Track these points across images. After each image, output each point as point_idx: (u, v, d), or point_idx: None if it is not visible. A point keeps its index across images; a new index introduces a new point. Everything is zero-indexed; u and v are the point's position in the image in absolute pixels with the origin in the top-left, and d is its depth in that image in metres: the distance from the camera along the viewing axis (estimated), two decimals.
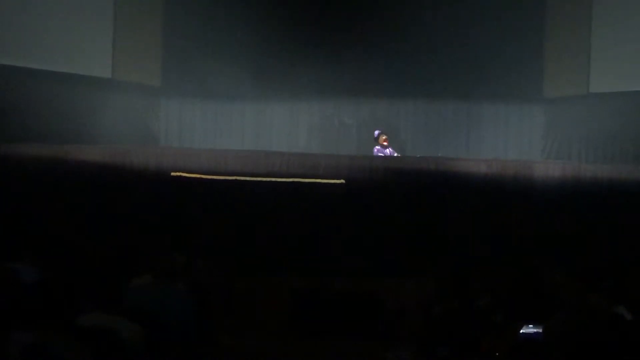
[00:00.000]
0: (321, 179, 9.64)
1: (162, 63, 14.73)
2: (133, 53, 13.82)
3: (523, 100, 14.56)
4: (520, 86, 14.24)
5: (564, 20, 14.16)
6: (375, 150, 12.39)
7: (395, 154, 12.44)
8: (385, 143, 12.42)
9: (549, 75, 14.33)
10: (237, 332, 7.10)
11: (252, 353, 6.98)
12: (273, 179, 9.60)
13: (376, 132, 12.66)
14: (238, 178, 9.58)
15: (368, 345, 7.65)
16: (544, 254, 8.35)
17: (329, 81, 14.21)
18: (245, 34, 14.08)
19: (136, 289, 4.95)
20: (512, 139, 14.77)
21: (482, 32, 14.11)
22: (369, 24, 14.64)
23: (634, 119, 12.02)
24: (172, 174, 9.62)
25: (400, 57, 14.52)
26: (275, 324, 8.22)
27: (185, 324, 5.00)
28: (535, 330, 4.15)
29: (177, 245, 7.80)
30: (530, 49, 14.33)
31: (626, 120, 12.18)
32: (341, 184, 9.64)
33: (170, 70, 14.71)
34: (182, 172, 9.63)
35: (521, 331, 4.13)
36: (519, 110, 14.77)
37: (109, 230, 8.57)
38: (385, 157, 11.88)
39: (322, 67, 14.09)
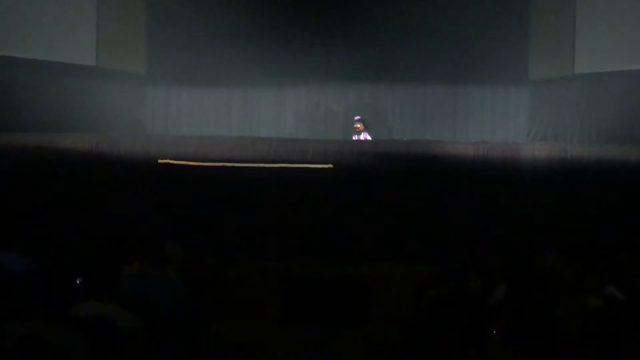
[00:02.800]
0: (309, 164, 9.64)
1: (147, 50, 14.62)
2: (117, 40, 13.72)
3: (509, 82, 14.57)
4: (505, 69, 14.22)
5: (548, 2, 14.17)
6: (354, 136, 12.41)
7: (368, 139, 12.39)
8: (357, 128, 12.38)
9: (534, 57, 14.34)
10: (229, 319, 7.11)
11: (245, 339, 6.99)
12: (261, 165, 9.60)
13: (355, 119, 12.69)
14: (226, 164, 9.56)
15: (359, 330, 7.69)
16: (533, 236, 8.40)
17: (316, 67, 14.17)
18: (230, 21, 14.01)
19: (129, 277, 4.94)
20: (498, 121, 14.79)
21: (467, 16, 14.11)
22: (354, 9, 14.58)
23: (620, 99, 12.07)
24: (160, 161, 9.59)
25: (386, 42, 14.49)
26: (266, 310, 8.23)
27: (178, 311, 5.00)
28: (534, 310, 4.15)
29: (167, 232, 7.80)
30: (515, 31, 14.33)
31: (612, 100, 12.22)
32: (329, 168, 9.64)
33: (155, 57, 14.60)
34: (170, 159, 9.60)
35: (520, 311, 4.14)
36: (504, 92, 14.78)
37: (98, 219, 8.55)
38: (373, 141, 11.88)
39: (309, 53, 14.04)
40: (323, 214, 9.25)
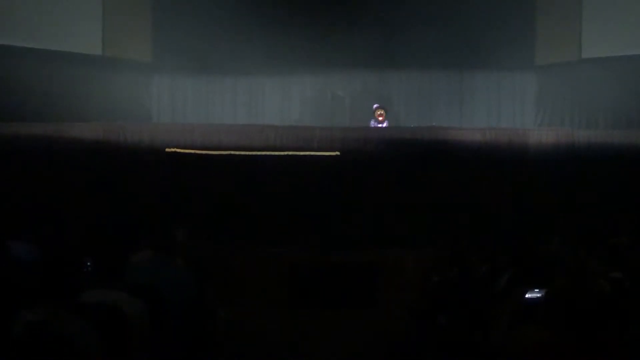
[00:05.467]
0: (316, 151, 9.66)
1: (152, 39, 14.61)
2: (123, 29, 13.72)
3: (515, 68, 14.51)
4: (512, 54, 14.15)
5: None
6: (371, 123, 12.35)
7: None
8: (380, 118, 12.29)
9: (541, 42, 14.28)
10: (236, 306, 7.14)
11: (252, 326, 7.03)
12: (267, 153, 9.62)
13: (374, 106, 12.59)
14: (232, 152, 9.59)
15: (365, 316, 7.71)
16: (540, 221, 8.40)
17: (321, 54, 14.14)
18: (235, 9, 13.97)
19: (137, 264, 4.96)
20: (505, 107, 14.75)
21: (473, 1, 14.04)
22: None
23: (626, 84, 12.04)
24: (167, 149, 9.62)
25: (392, 28, 14.42)
26: (273, 296, 8.26)
27: (186, 298, 5.02)
28: (539, 295, 4.16)
29: (175, 220, 7.82)
30: (521, 16, 14.26)
31: (618, 85, 12.18)
32: (336, 156, 9.66)
33: (161, 45, 14.58)
34: (177, 147, 9.63)
35: (526, 296, 4.15)
36: (511, 78, 14.73)
37: (105, 207, 8.58)
38: (379, 128, 11.86)
39: (314, 40, 14.02)
40: (330, 201, 9.27)
